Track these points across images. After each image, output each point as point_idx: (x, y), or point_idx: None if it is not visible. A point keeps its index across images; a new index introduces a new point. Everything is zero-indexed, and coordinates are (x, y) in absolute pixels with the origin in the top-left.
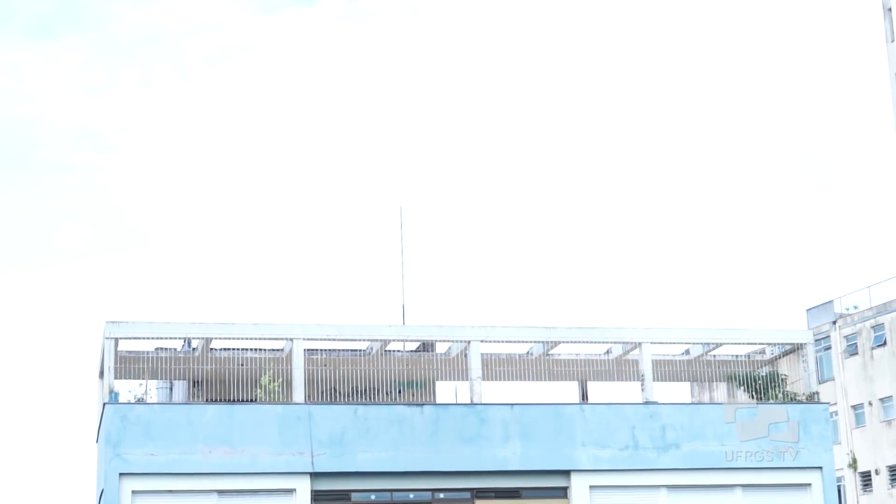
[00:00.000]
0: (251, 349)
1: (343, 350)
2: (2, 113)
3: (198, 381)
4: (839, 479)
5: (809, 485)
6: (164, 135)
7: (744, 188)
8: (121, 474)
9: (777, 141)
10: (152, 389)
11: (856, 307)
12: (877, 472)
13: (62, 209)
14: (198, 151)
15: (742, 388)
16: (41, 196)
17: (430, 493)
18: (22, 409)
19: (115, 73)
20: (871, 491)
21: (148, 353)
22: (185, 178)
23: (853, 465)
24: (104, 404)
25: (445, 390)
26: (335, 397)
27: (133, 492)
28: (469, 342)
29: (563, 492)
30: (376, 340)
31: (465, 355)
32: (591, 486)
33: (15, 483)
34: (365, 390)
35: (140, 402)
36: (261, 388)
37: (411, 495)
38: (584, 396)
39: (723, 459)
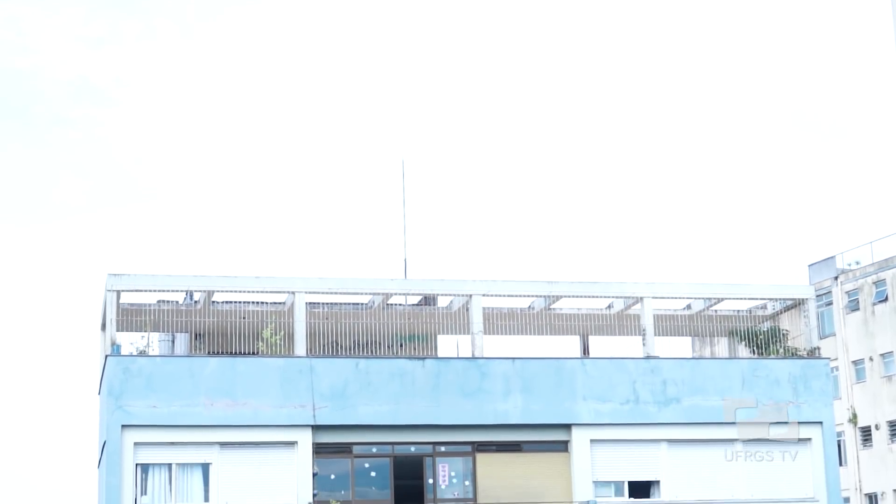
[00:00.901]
0: (253, 302)
1: (345, 303)
2: (1, 65)
3: (199, 334)
4: (839, 434)
5: (809, 439)
6: (164, 88)
7: (746, 143)
8: (123, 426)
9: (779, 96)
10: (154, 342)
11: (858, 263)
12: (877, 428)
13: (62, 163)
14: (198, 105)
15: (743, 343)
16: (41, 149)
17: (430, 447)
18: (25, 362)
19: (115, 26)
20: (870, 446)
21: (150, 305)
22: (186, 132)
23: (853, 420)
24: (106, 356)
25: (447, 344)
26: (337, 351)
27: (135, 443)
28: (471, 296)
29: (563, 445)
30: (378, 294)
31: (467, 309)
32: (591, 440)
33: (18, 436)
34: (366, 344)
35: (142, 354)
36: (262, 341)
37: (412, 448)
38: (586, 351)
39: (723, 414)
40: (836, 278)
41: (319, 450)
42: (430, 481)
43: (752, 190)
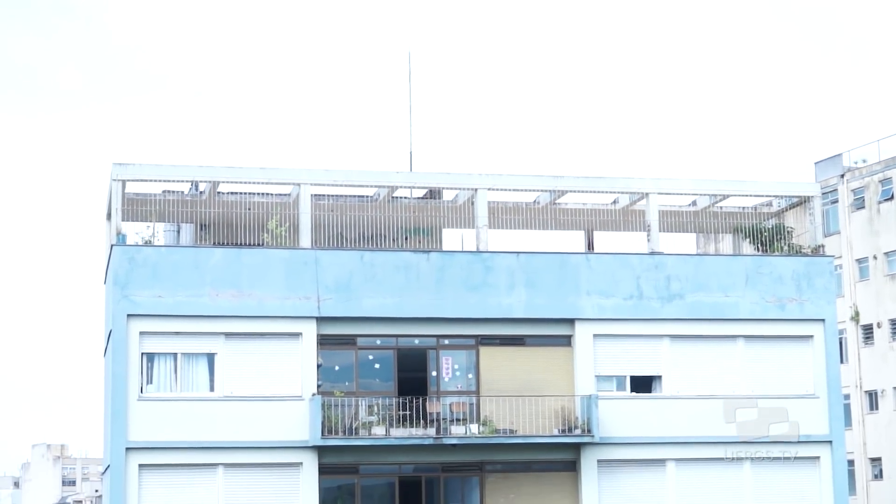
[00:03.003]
0: (258, 193)
1: (350, 196)
2: None
3: (205, 225)
4: (841, 332)
5: (811, 336)
6: None
7: (754, 40)
8: (128, 315)
9: None
10: (159, 232)
11: (864, 161)
12: (878, 326)
13: (64, 52)
14: None
15: (747, 240)
16: (43, 39)
17: (434, 340)
18: (31, 251)
19: None
20: (872, 344)
21: (155, 195)
22: (192, 21)
23: (855, 318)
24: (112, 246)
25: (452, 237)
26: (342, 243)
27: (140, 333)
28: (476, 190)
29: (566, 340)
30: (383, 187)
31: (472, 203)
32: (594, 335)
33: (27, 325)
34: (371, 236)
35: (147, 244)
36: (268, 232)
37: (416, 341)
38: (590, 246)
39: (726, 310)
40: (842, 176)
41: (324, 341)
42: (434, 374)
43: (759, 87)
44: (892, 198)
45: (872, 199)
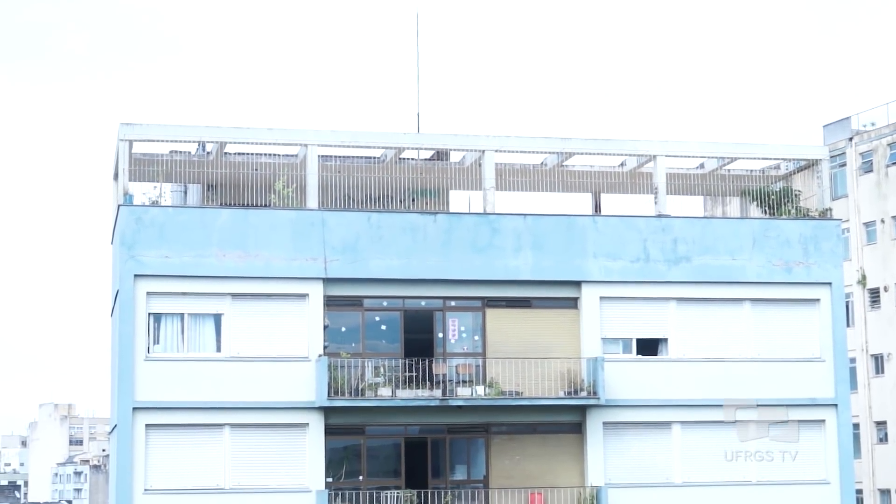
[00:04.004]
0: (265, 154)
1: (357, 157)
2: None
3: (212, 185)
4: (848, 296)
5: (818, 300)
6: None
7: (764, 2)
8: (135, 276)
9: None
10: (166, 192)
11: (873, 124)
12: (885, 289)
13: (71, 15)
14: None
15: (755, 203)
16: (50, 3)
17: (441, 301)
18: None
19: None
20: (878, 307)
21: (162, 155)
22: None
23: (862, 281)
24: (119, 206)
25: (459, 199)
26: (349, 204)
27: (148, 293)
28: (483, 151)
29: (573, 302)
30: (390, 148)
31: (480, 164)
32: (601, 297)
33: (34, 285)
34: (378, 198)
35: (154, 204)
36: (275, 193)
37: (423, 303)
38: (597, 208)
39: (733, 273)
40: (850, 139)
41: (330, 302)
42: (440, 335)
43: (768, 49)
44: None
45: (881, 162)
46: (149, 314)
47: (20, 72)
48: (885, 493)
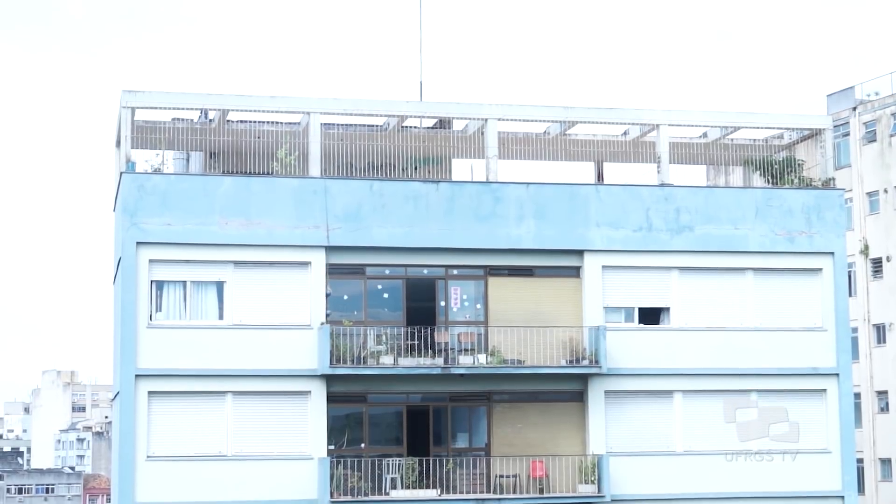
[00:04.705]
0: (268, 122)
1: (360, 125)
2: None
3: (214, 153)
4: (850, 265)
5: (820, 270)
6: None
7: None
8: (138, 243)
9: None
10: (168, 160)
11: (877, 93)
12: (888, 259)
13: None
14: None
15: (758, 172)
16: None
17: (443, 270)
18: (41, 178)
19: None
20: (881, 277)
21: (164, 123)
22: None
23: (865, 251)
24: (121, 174)
25: (461, 168)
26: (351, 172)
27: (150, 261)
28: (486, 120)
29: (575, 271)
30: (393, 116)
31: (482, 133)
32: (603, 266)
33: (37, 252)
34: (381, 166)
35: (157, 172)
36: (277, 161)
37: (425, 271)
38: (600, 177)
39: (735, 243)
40: (853, 109)
41: (333, 271)
42: (442, 304)
43: (772, 18)
44: None
45: (884, 132)
46: (151, 282)
47: (21, 38)
48: (885, 462)
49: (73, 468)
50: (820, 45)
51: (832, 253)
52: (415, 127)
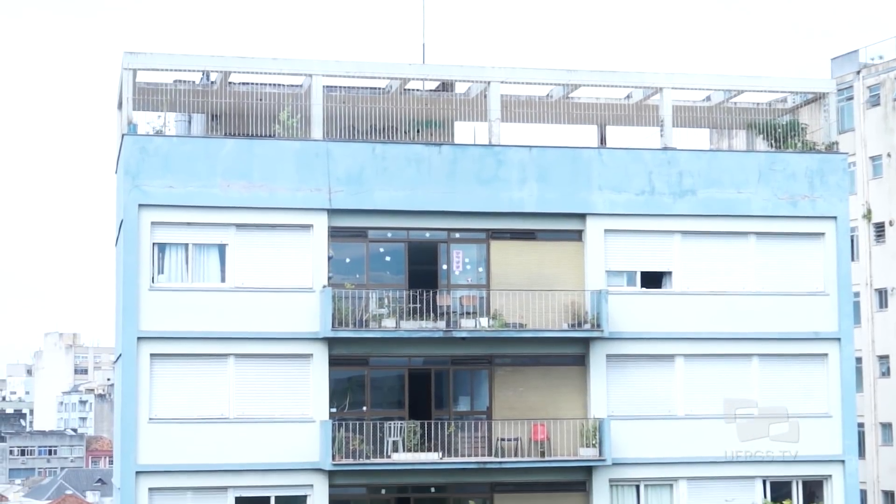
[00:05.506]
0: (270, 84)
1: (362, 88)
2: None
3: (216, 115)
4: (853, 230)
5: (823, 234)
6: None
7: None
8: (140, 205)
9: None
10: (170, 122)
11: (881, 57)
12: (891, 224)
13: None
14: None
15: (761, 136)
16: None
17: (445, 233)
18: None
19: None
20: (883, 242)
21: (166, 85)
22: None
23: (867, 215)
24: (123, 136)
25: (464, 131)
26: (353, 135)
27: (152, 223)
28: (489, 83)
29: (577, 235)
30: (396, 79)
31: (485, 96)
32: (605, 230)
33: (39, 214)
34: (383, 129)
35: (158, 134)
36: (279, 123)
37: (427, 234)
38: (603, 140)
39: (738, 207)
40: (857, 73)
41: (335, 233)
42: (444, 267)
43: None
44: None
45: (888, 96)
46: (153, 244)
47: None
48: (886, 426)
49: (75, 430)
50: (824, 9)
51: (835, 217)
52: (417, 90)
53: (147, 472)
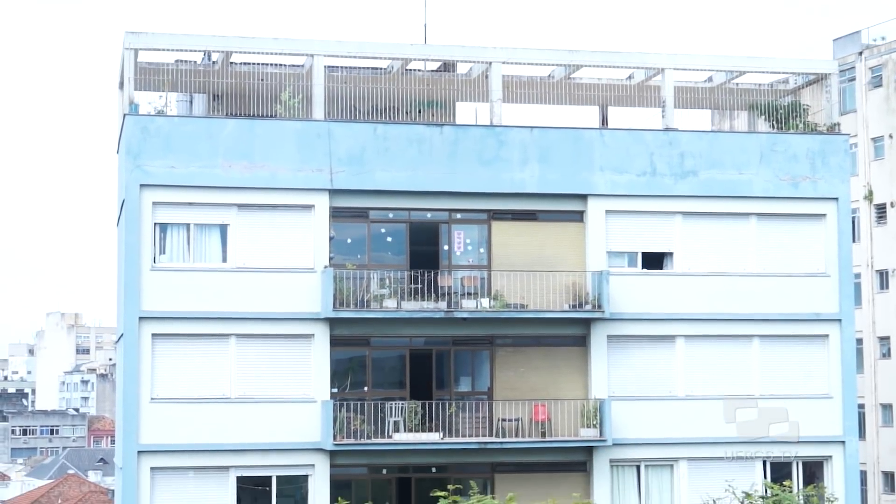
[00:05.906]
0: (271, 64)
1: (363, 68)
2: None
3: (217, 95)
4: (854, 211)
5: (824, 215)
6: None
7: None
8: (141, 185)
9: None
10: (172, 102)
11: (883, 38)
12: (892, 205)
13: None
14: None
15: (763, 117)
16: None
17: (447, 214)
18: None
19: None
20: (884, 223)
21: (168, 65)
22: None
23: (869, 197)
24: (124, 115)
25: (465, 111)
26: (355, 115)
27: (153, 203)
28: (490, 63)
29: (579, 216)
30: (397, 59)
31: (486, 76)
32: (607, 211)
33: (41, 194)
34: (385, 109)
35: (160, 114)
36: (281, 103)
37: (428, 215)
38: (604, 121)
39: (739, 188)
40: (860, 53)
41: (336, 214)
42: (446, 247)
43: None
44: None
45: (890, 77)
46: (155, 224)
47: None
48: (886, 407)
49: (77, 410)
50: None
51: (836, 198)
52: (419, 70)
53: (149, 451)
